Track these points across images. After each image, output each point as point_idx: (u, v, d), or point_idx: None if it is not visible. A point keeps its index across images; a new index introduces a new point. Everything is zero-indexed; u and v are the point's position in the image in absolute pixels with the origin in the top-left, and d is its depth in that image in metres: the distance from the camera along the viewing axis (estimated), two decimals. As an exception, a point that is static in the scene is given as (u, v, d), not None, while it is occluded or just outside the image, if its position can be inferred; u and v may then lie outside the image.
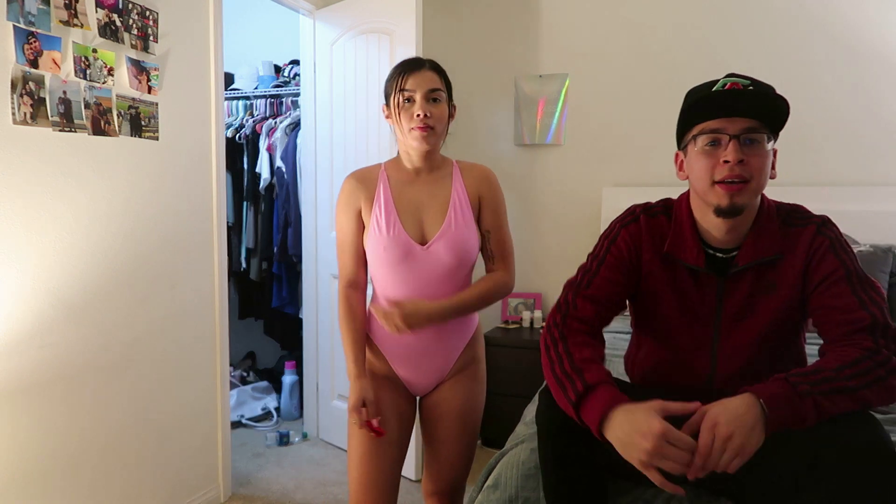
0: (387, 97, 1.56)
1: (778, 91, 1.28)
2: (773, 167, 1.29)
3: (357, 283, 1.62)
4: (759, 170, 1.23)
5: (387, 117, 1.58)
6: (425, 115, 1.48)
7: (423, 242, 1.55)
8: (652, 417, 1.05)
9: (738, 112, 1.22)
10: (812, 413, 1.06)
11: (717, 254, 1.32)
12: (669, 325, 1.35)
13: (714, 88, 1.24)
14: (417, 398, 1.69)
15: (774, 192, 1.59)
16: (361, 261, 1.61)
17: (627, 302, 1.43)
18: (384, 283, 1.59)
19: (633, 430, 1.05)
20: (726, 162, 1.21)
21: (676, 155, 1.37)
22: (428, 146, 1.52)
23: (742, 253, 1.29)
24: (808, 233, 1.27)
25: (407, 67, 1.53)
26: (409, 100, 1.51)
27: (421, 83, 1.50)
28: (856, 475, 1.01)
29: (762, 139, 1.23)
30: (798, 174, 2.98)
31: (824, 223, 1.29)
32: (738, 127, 1.22)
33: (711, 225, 1.30)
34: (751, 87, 1.22)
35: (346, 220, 1.59)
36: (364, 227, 1.58)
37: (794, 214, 1.32)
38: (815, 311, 1.24)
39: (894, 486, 1.02)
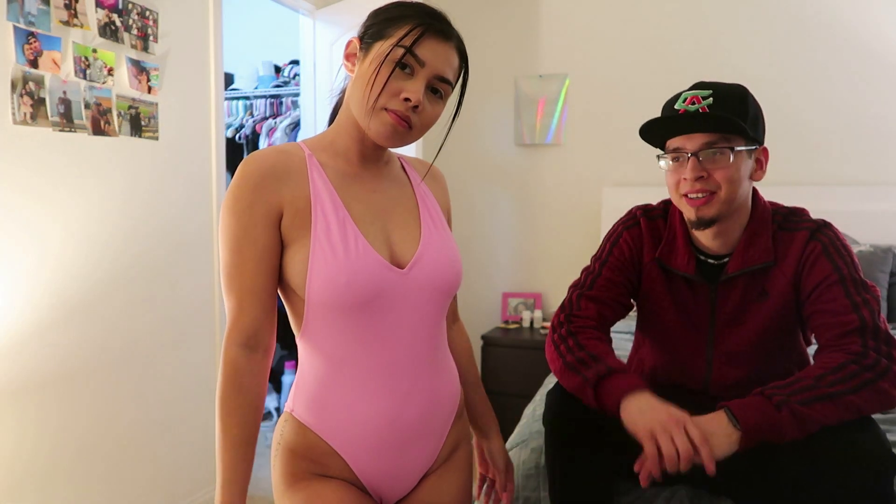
0: (371, 37, 0.97)
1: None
2: (760, 168, 1.28)
3: (259, 340, 0.96)
4: (725, 180, 1.21)
5: (348, 57, 1.00)
6: (415, 107, 0.95)
7: (398, 266, 0.99)
8: (679, 409, 1.07)
9: (696, 129, 1.21)
10: (790, 424, 1.03)
11: (710, 260, 1.32)
12: (667, 329, 1.35)
13: (676, 104, 1.24)
14: None
15: (775, 192, 1.60)
16: (271, 305, 0.97)
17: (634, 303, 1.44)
18: (333, 343, 0.97)
19: (657, 404, 1.08)
20: (685, 179, 1.22)
21: None
22: (391, 145, 0.99)
23: (732, 261, 1.28)
24: (800, 239, 1.25)
25: (429, 24, 0.95)
26: (406, 68, 0.94)
27: (438, 60, 0.96)
28: (853, 476, 1.01)
29: (725, 152, 1.21)
30: (798, 174, 2.98)
31: (819, 228, 1.25)
32: (697, 143, 1.22)
33: (698, 233, 1.30)
34: (710, 99, 1.20)
35: (257, 233, 0.93)
36: (280, 246, 0.96)
37: (791, 218, 1.29)
38: (809, 317, 1.23)
39: (890, 487, 1.03)
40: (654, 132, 1.28)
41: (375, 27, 0.97)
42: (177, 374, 2.31)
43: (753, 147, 1.24)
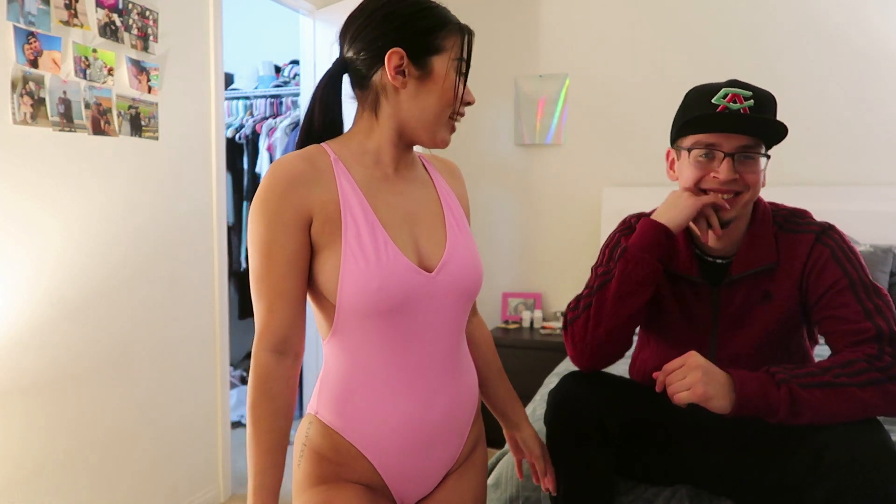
0: (423, 52, 0.98)
1: (777, 91, 1.28)
2: (764, 175, 1.29)
3: (289, 345, 0.96)
4: (754, 184, 1.22)
5: (400, 68, 0.97)
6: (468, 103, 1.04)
7: (426, 269, 1.00)
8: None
9: (735, 129, 1.21)
10: (785, 403, 1.05)
11: (717, 260, 1.31)
12: (671, 331, 1.35)
13: (714, 99, 1.22)
14: None
15: (776, 192, 1.60)
16: (301, 310, 0.97)
17: None
18: (362, 346, 0.98)
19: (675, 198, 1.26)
20: (716, 177, 1.22)
21: (668, 153, 1.36)
22: (446, 146, 1.05)
23: (736, 263, 1.27)
24: (806, 242, 1.24)
25: (468, 30, 1.03)
26: (464, 76, 1.02)
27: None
28: (856, 478, 1.01)
29: (756, 156, 1.22)
30: (799, 174, 2.98)
31: (824, 231, 1.25)
32: (734, 144, 1.21)
33: (701, 232, 1.30)
34: (752, 101, 1.20)
35: (281, 236, 0.93)
36: (309, 251, 0.96)
37: (793, 220, 1.29)
38: (820, 322, 1.22)
39: (894, 490, 1.02)
40: (691, 123, 1.26)
41: (422, 40, 0.98)
42: (177, 374, 2.31)
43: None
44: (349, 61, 1.02)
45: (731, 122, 1.20)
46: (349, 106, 1.07)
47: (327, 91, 1.04)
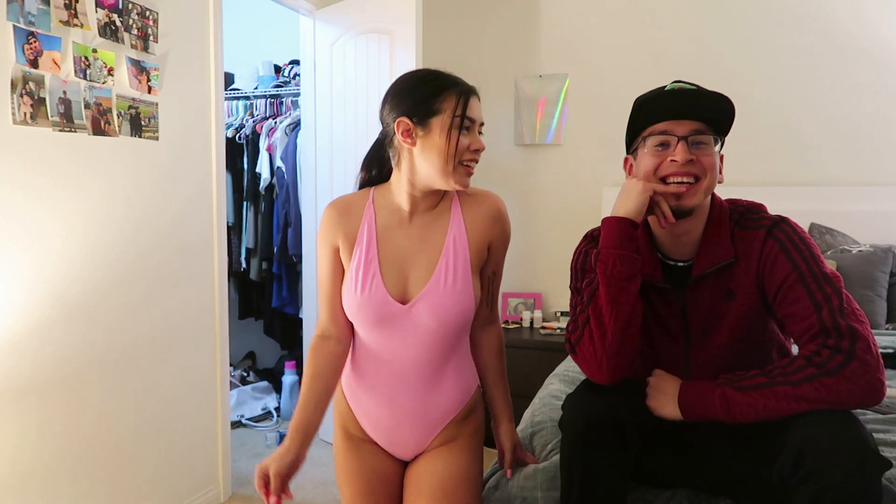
0: (424, 115, 1.24)
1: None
2: (720, 171, 1.29)
3: (330, 333, 1.35)
4: (710, 167, 1.24)
5: (408, 137, 1.25)
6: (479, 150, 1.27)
7: (404, 301, 1.29)
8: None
9: (685, 115, 1.24)
10: (719, 403, 1.14)
11: (679, 263, 1.32)
12: (650, 337, 1.34)
13: (664, 91, 1.26)
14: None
15: (776, 192, 1.59)
16: (337, 308, 1.34)
17: None
18: (360, 344, 1.36)
19: (625, 189, 1.30)
20: (674, 161, 1.23)
21: (625, 160, 1.38)
22: (466, 187, 1.30)
23: (696, 263, 1.28)
24: (759, 238, 1.25)
25: (465, 91, 1.26)
26: (468, 128, 1.25)
27: (477, 111, 1.27)
28: (838, 475, 1.01)
29: (709, 141, 1.25)
30: (798, 174, 2.98)
31: (775, 225, 1.25)
32: (687, 128, 1.24)
33: (661, 232, 1.31)
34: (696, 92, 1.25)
35: (324, 258, 1.34)
36: (342, 270, 1.34)
37: (749, 216, 1.30)
38: (782, 322, 1.23)
39: (878, 486, 1.03)
40: (639, 118, 1.29)
41: (422, 106, 1.24)
42: (177, 374, 2.31)
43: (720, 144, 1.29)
44: (384, 127, 1.32)
45: (680, 99, 1.25)
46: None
47: (375, 147, 1.37)
